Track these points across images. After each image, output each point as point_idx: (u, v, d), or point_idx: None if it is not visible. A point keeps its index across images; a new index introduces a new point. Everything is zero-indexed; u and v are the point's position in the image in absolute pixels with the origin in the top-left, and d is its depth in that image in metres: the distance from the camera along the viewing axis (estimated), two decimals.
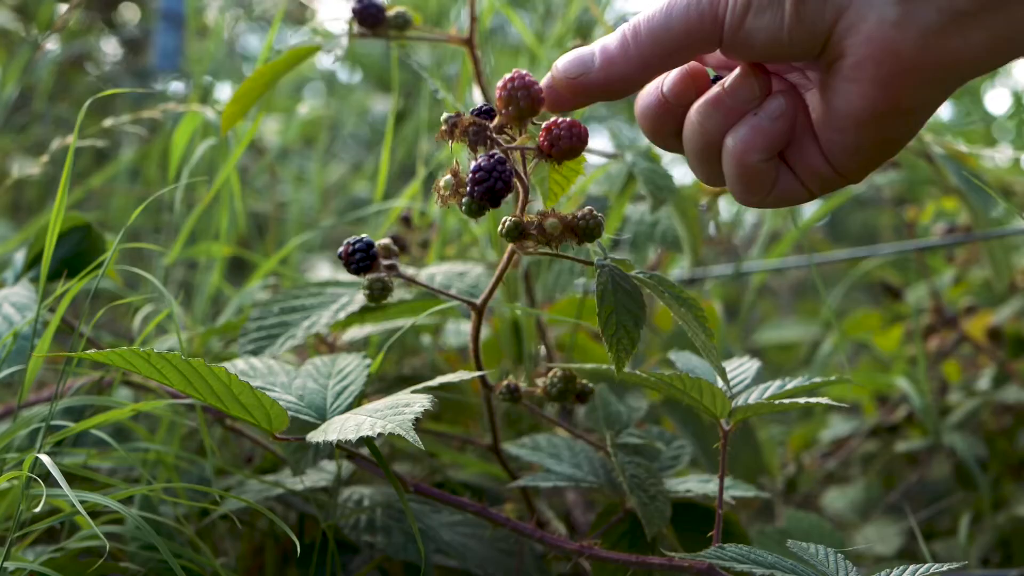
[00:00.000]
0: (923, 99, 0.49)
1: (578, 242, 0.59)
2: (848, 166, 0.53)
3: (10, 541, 0.62)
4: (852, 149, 0.52)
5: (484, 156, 0.55)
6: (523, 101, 0.54)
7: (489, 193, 0.54)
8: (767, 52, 0.51)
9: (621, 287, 0.59)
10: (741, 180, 0.55)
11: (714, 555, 0.57)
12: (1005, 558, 1.11)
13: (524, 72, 0.54)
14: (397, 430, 0.58)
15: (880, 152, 0.52)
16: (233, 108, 0.84)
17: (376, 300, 0.65)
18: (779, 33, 0.50)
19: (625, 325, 0.59)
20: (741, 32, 0.51)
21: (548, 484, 0.73)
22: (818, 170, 0.54)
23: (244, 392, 0.63)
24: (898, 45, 0.47)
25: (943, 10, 0.46)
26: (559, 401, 0.70)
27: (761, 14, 0.50)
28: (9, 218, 1.56)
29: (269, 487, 0.78)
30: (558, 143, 0.55)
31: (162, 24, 1.90)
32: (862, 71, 0.48)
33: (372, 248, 0.65)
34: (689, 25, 0.52)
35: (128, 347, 0.61)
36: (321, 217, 1.57)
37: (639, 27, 0.54)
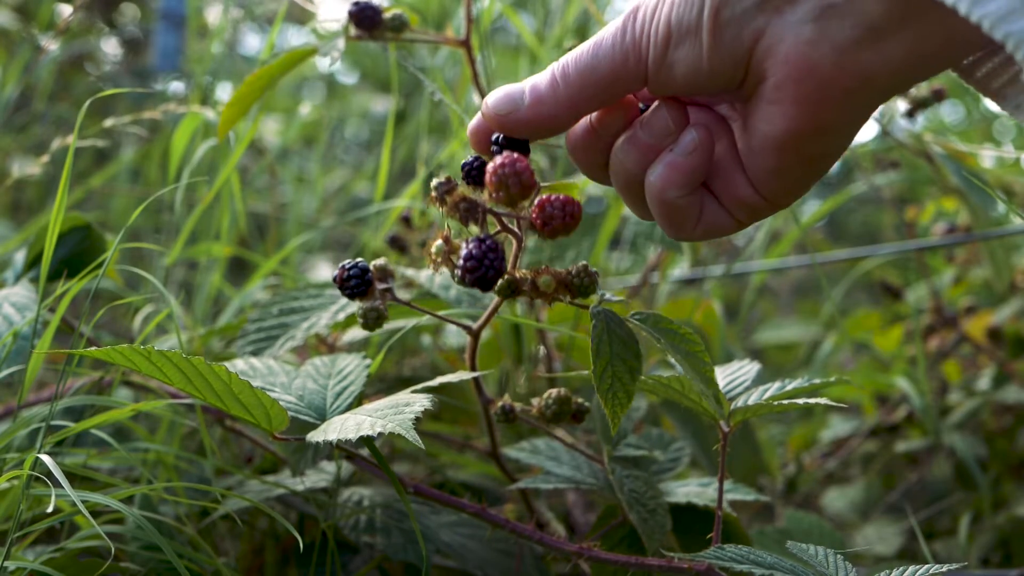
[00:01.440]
0: (844, 116, 0.49)
1: (571, 298, 0.59)
2: (775, 190, 0.53)
3: (10, 541, 0.62)
4: (777, 172, 0.52)
5: (476, 241, 0.54)
6: (513, 188, 0.53)
7: (480, 282, 0.54)
8: (690, 84, 0.51)
9: (616, 335, 0.59)
10: (664, 216, 0.55)
11: (713, 556, 0.57)
12: (1005, 558, 1.11)
13: (515, 156, 0.53)
14: (397, 429, 0.58)
15: (806, 173, 0.52)
16: (230, 112, 0.85)
17: (370, 328, 0.64)
18: (699, 63, 0.50)
19: (621, 378, 0.59)
20: (664, 66, 0.51)
21: (549, 486, 0.73)
22: (745, 199, 0.54)
23: (244, 391, 0.63)
24: (815, 62, 0.47)
25: (857, 26, 0.46)
26: (555, 422, 0.69)
27: (680, 45, 0.50)
28: (9, 218, 1.56)
29: (269, 487, 0.78)
30: (551, 222, 0.54)
31: (162, 24, 1.90)
32: (783, 91, 0.48)
33: (367, 273, 0.64)
34: (615, 64, 0.52)
35: (129, 345, 0.61)
36: (321, 217, 1.58)
37: (567, 66, 0.54)
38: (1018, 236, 1.20)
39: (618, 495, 0.69)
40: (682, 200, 0.54)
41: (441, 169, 1.13)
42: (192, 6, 1.79)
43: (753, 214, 0.55)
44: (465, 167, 0.57)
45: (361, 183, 1.87)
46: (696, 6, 0.49)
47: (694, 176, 0.53)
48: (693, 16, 0.49)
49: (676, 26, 0.50)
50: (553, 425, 0.71)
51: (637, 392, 0.85)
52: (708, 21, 0.49)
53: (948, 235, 1.26)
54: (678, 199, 0.54)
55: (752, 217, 0.55)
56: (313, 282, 0.91)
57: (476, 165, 0.57)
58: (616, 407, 0.60)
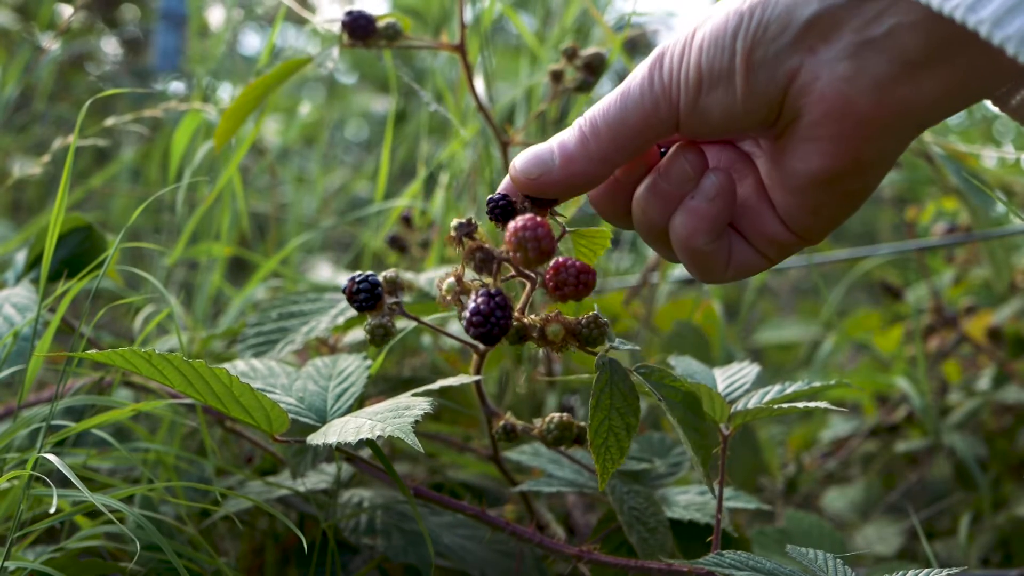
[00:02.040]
0: (882, 151, 0.48)
1: (579, 347, 0.58)
2: (809, 227, 0.52)
3: (10, 541, 0.62)
4: (812, 209, 0.51)
5: (485, 296, 0.53)
6: (532, 252, 0.52)
7: (484, 338, 0.53)
8: (724, 126, 0.50)
9: (619, 388, 0.59)
10: (693, 262, 0.54)
11: (713, 562, 0.57)
12: (1005, 558, 1.11)
13: (538, 221, 0.52)
14: (397, 433, 0.58)
15: (841, 209, 0.51)
16: (226, 124, 0.85)
17: (377, 345, 0.63)
18: (734, 106, 0.49)
19: (617, 433, 0.59)
20: (696, 111, 0.50)
21: (551, 489, 0.73)
22: (775, 236, 0.53)
23: (245, 394, 0.63)
24: (852, 99, 0.46)
25: (893, 61, 0.45)
26: (556, 446, 0.69)
27: (714, 89, 0.49)
28: (9, 218, 1.56)
29: (270, 488, 0.78)
30: (563, 288, 0.54)
31: (162, 24, 1.90)
32: (820, 129, 0.48)
33: (377, 288, 0.63)
34: (645, 113, 0.51)
35: (129, 348, 0.61)
36: (321, 217, 1.58)
37: (596, 121, 0.53)
38: (1018, 236, 1.20)
39: (619, 516, 0.68)
40: (709, 246, 0.53)
41: (441, 170, 1.13)
42: (193, 6, 1.79)
43: (783, 251, 0.54)
44: (490, 203, 0.56)
45: (361, 183, 1.87)
46: (727, 49, 0.49)
47: (718, 221, 0.53)
48: (725, 60, 0.49)
49: (708, 71, 0.49)
50: (554, 447, 0.70)
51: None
52: (741, 64, 0.48)
53: (948, 235, 1.26)
54: (705, 246, 0.53)
55: (782, 254, 0.54)
56: (312, 285, 0.91)
57: (501, 204, 0.56)
58: (607, 462, 0.60)
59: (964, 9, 0.42)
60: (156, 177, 1.41)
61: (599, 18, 1.06)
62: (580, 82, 0.93)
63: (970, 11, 0.42)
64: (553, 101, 0.96)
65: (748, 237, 0.54)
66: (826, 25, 0.46)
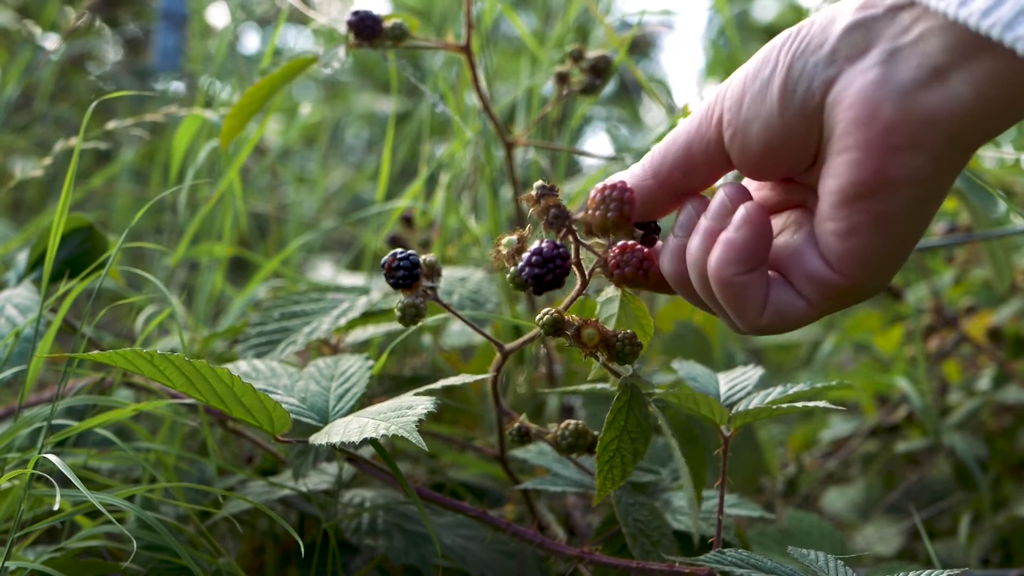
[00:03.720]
0: (910, 167, 0.47)
1: (608, 358, 0.58)
2: (846, 259, 0.50)
3: (11, 541, 0.62)
4: (846, 231, 0.49)
5: (551, 242, 0.53)
6: (613, 212, 0.52)
7: (536, 281, 0.53)
8: (767, 145, 0.50)
9: (635, 413, 0.59)
10: (725, 298, 0.52)
11: (715, 560, 0.57)
12: (1005, 558, 1.11)
13: (628, 187, 0.53)
14: (401, 432, 0.58)
15: (876, 235, 0.48)
16: (231, 123, 0.84)
17: (405, 324, 0.63)
18: (772, 118, 0.49)
19: (624, 456, 0.59)
20: (738, 126, 0.51)
21: (557, 489, 0.73)
22: (814, 273, 0.51)
23: (247, 394, 0.63)
24: (879, 104, 0.46)
25: (921, 67, 0.45)
26: (568, 452, 0.69)
27: (753, 103, 0.50)
28: (9, 218, 1.56)
29: (271, 488, 0.78)
30: (623, 268, 0.54)
31: (162, 24, 1.90)
32: (849, 138, 0.47)
33: (417, 268, 0.62)
34: (690, 130, 0.53)
35: (131, 348, 0.61)
36: (322, 217, 1.58)
37: (654, 148, 0.55)
38: (1018, 236, 1.20)
39: (623, 528, 0.67)
40: (740, 278, 0.51)
41: (442, 170, 1.13)
42: (195, 6, 1.79)
43: (825, 293, 0.51)
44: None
45: (362, 182, 1.87)
46: (770, 63, 0.49)
47: (749, 250, 0.51)
48: (766, 73, 0.49)
49: (749, 84, 0.50)
50: (565, 454, 0.70)
51: None
52: (780, 74, 0.49)
53: (948, 235, 1.26)
54: (735, 276, 0.51)
55: (824, 297, 0.51)
56: (314, 285, 0.91)
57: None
58: (608, 481, 0.60)
59: (978, 15, 0.42)
60: (158, 178, 1.41)
61: (601, 19, 1.06)
62: (586, 84, 0.93)
63: (984, 16, 0.42)
64: (559, 103, 0.96)
65: (789, 276, 0.53)
66: (862, 37, 0.47)
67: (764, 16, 3.11)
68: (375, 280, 0.96)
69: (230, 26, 1.42)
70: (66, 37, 1.26)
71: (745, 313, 0.52)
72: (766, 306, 0.52)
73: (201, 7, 1.71)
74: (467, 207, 1.13)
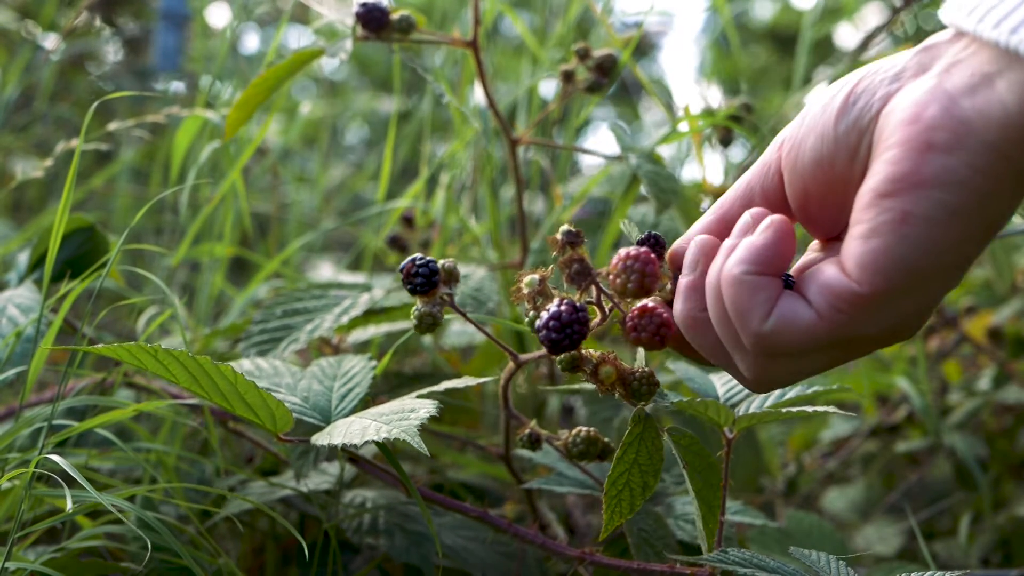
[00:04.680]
0: (944, 166, 0.45)
1: (624, 396, 0.58)
2: (862, 258, 0.47)
3: (11, 541, 0.62)
4: (869, 231, 0.46)
5: (569, 305, 0.53)
6: (634, 283, 0.52)
7: (553, 345, 0.53)
8: (816, 157, 0.50)
9: (646, 446, 0.58)
10: (732, 301, 0.50)
11: (717, 559, 0.57)
12: (1005, 558, 1.11)
13: (651, 257, 0.52)
14: (403, 435, 0.58)
15: (897, 237, 0.46)
16: (237, 115, 0.84)
17: (421, 332, 0.62)
18: (826, 130, 0.49)
19: (632, 489, 0.58)
20: (796, 141, 0.51)
21: (562, 489, 0.73)
22: (827, 281, 0.48)
23: (250, 392, 0.62)
24: (925, 105, 0.46)
25: (973, 74, 0.45)
26: (578, 460, 0.68)
27: (811, 113, 0.51)
28: (9, 217, 1.56)
29: (272, 488, 0.78)
30: (639, 332, 0.53)
31: (162, 24, 1.90)
32: (892, 137, 0.46)
33: (436, 276, 0.61)
34: (754, 168, 0.54)
35: (135, 343, 0.61)
36: (322, 216, 1.58)
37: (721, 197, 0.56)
38: (1018, 236, 1.20)
39: (628, 537, 0.67)
40: (750, 277, 0.50)
41: (442, 169, 1.13)
42: (196, 5, 1.79)
43: (835, 304, 0.48)
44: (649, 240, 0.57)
45: (362, 182, 1.87)
46: (838, 87, 0.50)
47: (765, 253, 0.50)
48: (831, 93, 0.50)
49: (813, 105, 0.51)
50: (576, 461, 0.70)
51: None
52: (844, 91, 0.49)
53: None
54: (745, 274, 0.50)
55: (834, 308, 0.48)
56: (316, 282, 0.91)
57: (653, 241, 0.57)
58: (615, 515, 0.59)
59: (1007, 34, 0.43)
60: (158, 177, 1.41)
61: (603, 19, 1.06)
62: (591, 82, 0.93)
63: (1012, 34, 0.43)
64: (564, 101, 0.96)
65: (804, 291, 0.50)
66: (928, 56, 0.48)
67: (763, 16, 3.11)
68: (376, 279, 0.95)
69: (231, 26, 1.42)
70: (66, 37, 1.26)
71: (749, 318, 0.50)
72: (771, 312, 0.50)
73: (201, 7, 1.71)
74: (467, 207, 1.13)
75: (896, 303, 0.47)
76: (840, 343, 0.50)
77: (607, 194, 1.10)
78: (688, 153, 1.26)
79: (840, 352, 0.51)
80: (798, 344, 0.50)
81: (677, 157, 1.29)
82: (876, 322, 0.48)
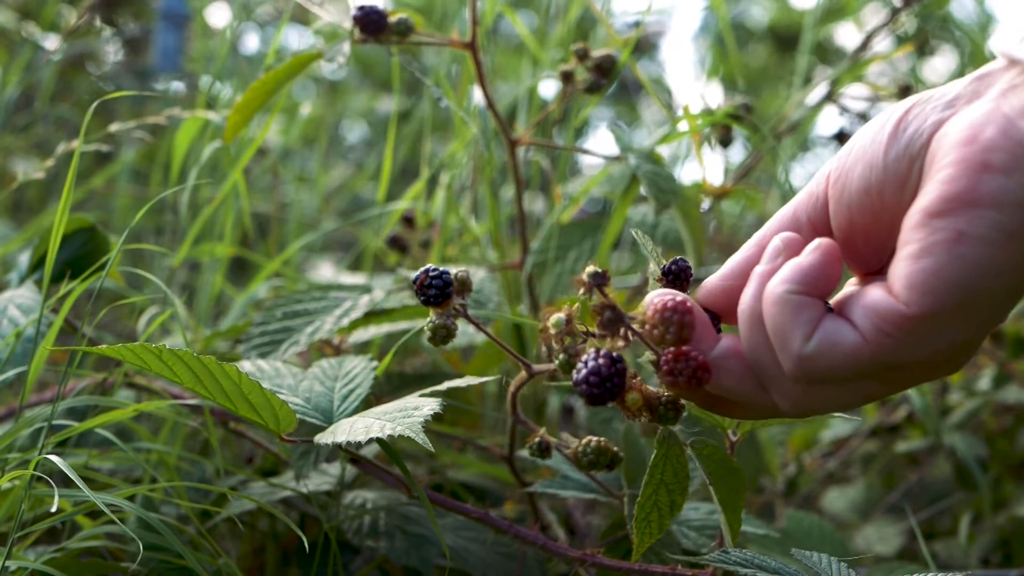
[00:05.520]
0: (1001, 187, 0.44)
1: (650, 419, 0.57)
2: (911, 279, 0.45)
3: (11, 541, 0.62)
4: (919, 251, 0.45)
5: (607, 357, 0.51)
6: (672, 335, 0.51)
7: (593, 400, 0.52)
8: (864, 186, 0.49)
9: (671, 464, 0.58)
10: (773, 322, 0.49)
11: (719, 559, 0.57)
12: (1005, 558, 1.11)
13: (688, 304, 0.51)
14: (407, 433, 0.58)
15: (950, 258, 0.44)
16: (236, 118, 0.84)
17: (436, 345, 0.61)
18: (876, 158, 0.48)
19: (660, 509, 0.58)
20: (844, 169, 0.50)
21: (567, 493, 0.72)
22: (874, 303, 0.47)
23: (254, 392, 0.62)
24: (983, 127, 0.45)
25: None
26: (587, 469, 0.67)
27: (861, 140, 0.50)
28: (9, 218, 1.56)
29: (274, 489, 0.78)
30: (675, 376, 0.51)
31: (162, 24, 1.90)
32: (947, 157, 0.45)
33: (449, 287, 0.60)
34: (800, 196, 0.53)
35: (140, 343, 0.61)
36: (323, 216, 1.58)
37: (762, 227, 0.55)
38: None
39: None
40: (794, 296, 0.48)
41: (442, 169, 1.13)
42: (196, 6, 1.79)
43: (881, 326, 0.47)
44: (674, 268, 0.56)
45: (362, 182, 1.87)
46: (888, 114, 0.49)
47: (811, 274, 0.49)
48: (882, 121, 0.49)
49: (863, 133, 0.50)
50: (585, 471, 0.69)
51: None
52: (895, 118, 0.48)
53: None
54: (789, 293, 0.48)
55: (880, 331, 0.47)
56: (317, 284, 0.91)
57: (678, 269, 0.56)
58: (645, 536, 0.59)
59: None
60: (159, 177, 1.41)
61: (603, 19, 1.06)
62: (591, 83, 0.93)
63: None
64: (564, 102, 0.96)
65: (848, 314, 0.49)
66: (983, 83, 0.47)
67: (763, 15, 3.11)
68: (376, 280, 0.96)
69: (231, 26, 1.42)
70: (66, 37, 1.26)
71: (791, 339, 0.48)
72: (815, 332, 0.48)
73: (201, 7, 1.71)
74: (467, 207, 1.13)
75: (944, 328, 0.46)
76: (884, 370, 0.48)
77: (606, 194, 1.10)
78: (688, 153, 1.26)
79: (883, 382, 0.49)
80: (840, 368, 0.48)
81: (676, 157, 1.29)
82: (922, 348, 0.47)
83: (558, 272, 0.96)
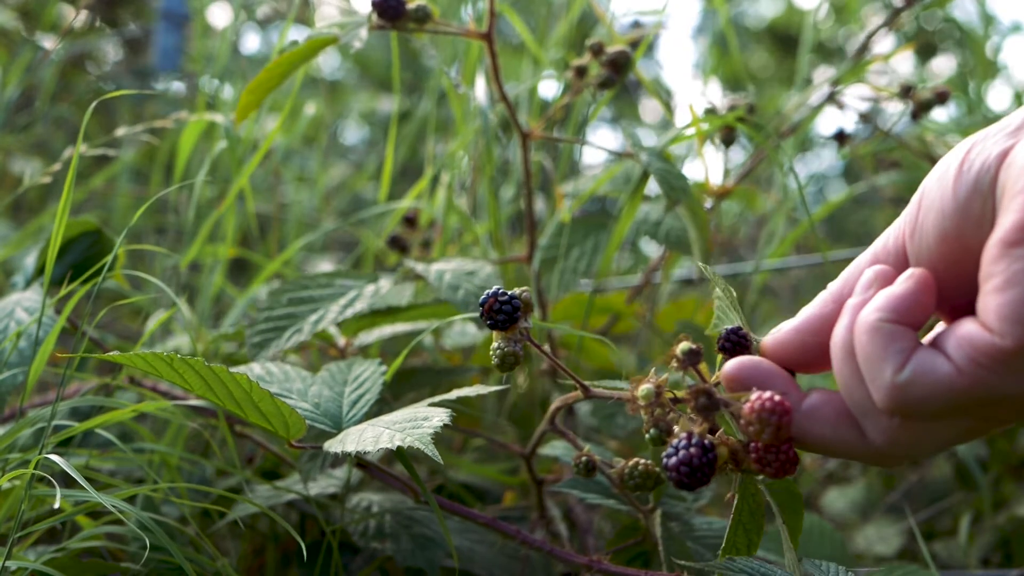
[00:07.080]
0: None
1: (734, 471, 0.56)
2: (1000, 311, 0.44)
3: (12, 541, 0.62)
4: (1003, 284, 0.44)
5: (700, 447, 0.51)
6: (769, 434, 0.50)
7: (682, 487, 0.51)
8: (940, 235, 0.48)
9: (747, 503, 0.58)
10: (865, 351, 0.48)
11: (724, 566, 0.57)
12: (1005, 558, 1.11)
13: (785, 404, 0.50)
14: (416, 444, 0.58)
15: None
16: (248, 98, 0.83)
17: (503, 371, 0.59)
18: (945, 198, 0.47)
19: (739, 549, 0.58)
20: (919, 223, 0.49)
21: (594, 500, 0.72)
22: (966, 335, 0.46)
23: (264, 400, 0.62)
24: None
25: None
26: (634, 491, 0.66)
27: (933, 185, 0.49)
28: (10, 218, 1.56)
29: (279, 492, 0.78)
30: (765, 466, 0.52)
31: (162, 24, 1.90)
32: (1018, 185, 0.44)
33: (518, 312, 0.58)
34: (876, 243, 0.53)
35: (151, 351, 0.61)
36: (323, 216, 1.58)
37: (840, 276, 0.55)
38: None
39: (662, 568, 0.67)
40: (887, 325, 0.48)
41: (443, 168, 1.13)
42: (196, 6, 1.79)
43: (975, 357, 0.45)
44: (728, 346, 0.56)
45: (362, 181, 1.87)
46: (949, 155, 0.48)
47: (905, 303, 0.48)
48: (945, 162, 0.48)
49: (930, 178, 0.49)
50: (629, 492, 0.68)
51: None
52: (959, 157, 0.47)
53: None
54: (882, 322, 0.48)
55: (974, 363, 0.45)
56: (323, 272, 0.91)
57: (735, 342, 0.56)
58: None
59: None
60: (158, 178, 1.41)
61: (603, 18, 1.06)
62: (604, 78, 0.93)
63: None
64: (575, 96, 0.96)
65: (941, 346, 0.47)
66: None
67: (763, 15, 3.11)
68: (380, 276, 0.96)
69: (232, 25, 1.41)
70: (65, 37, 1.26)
71: (883, 368, 0.47)
72: (908, 362, 0.47)
73: (201, 7, 1.71)
74: (468, 206, 1.13)
75: None
76: (979, 405, 0.46)
77: (607, 193, 1.10)
78: (688, 152, 1.26)
79: (979, 419, 0.48)
80: (935, 400, 0.46)
81: (678, 156, 1.29)
82: (1019, 380, 0.45)
83: (561, 269, 0.96)
